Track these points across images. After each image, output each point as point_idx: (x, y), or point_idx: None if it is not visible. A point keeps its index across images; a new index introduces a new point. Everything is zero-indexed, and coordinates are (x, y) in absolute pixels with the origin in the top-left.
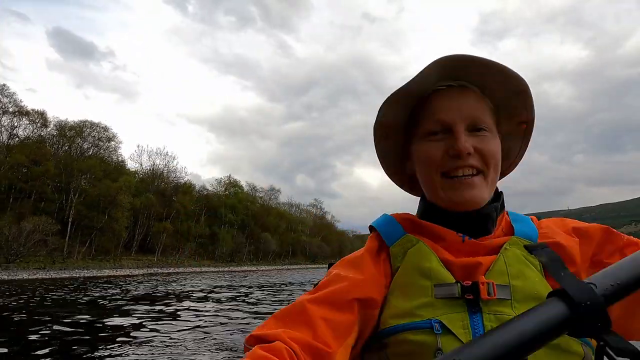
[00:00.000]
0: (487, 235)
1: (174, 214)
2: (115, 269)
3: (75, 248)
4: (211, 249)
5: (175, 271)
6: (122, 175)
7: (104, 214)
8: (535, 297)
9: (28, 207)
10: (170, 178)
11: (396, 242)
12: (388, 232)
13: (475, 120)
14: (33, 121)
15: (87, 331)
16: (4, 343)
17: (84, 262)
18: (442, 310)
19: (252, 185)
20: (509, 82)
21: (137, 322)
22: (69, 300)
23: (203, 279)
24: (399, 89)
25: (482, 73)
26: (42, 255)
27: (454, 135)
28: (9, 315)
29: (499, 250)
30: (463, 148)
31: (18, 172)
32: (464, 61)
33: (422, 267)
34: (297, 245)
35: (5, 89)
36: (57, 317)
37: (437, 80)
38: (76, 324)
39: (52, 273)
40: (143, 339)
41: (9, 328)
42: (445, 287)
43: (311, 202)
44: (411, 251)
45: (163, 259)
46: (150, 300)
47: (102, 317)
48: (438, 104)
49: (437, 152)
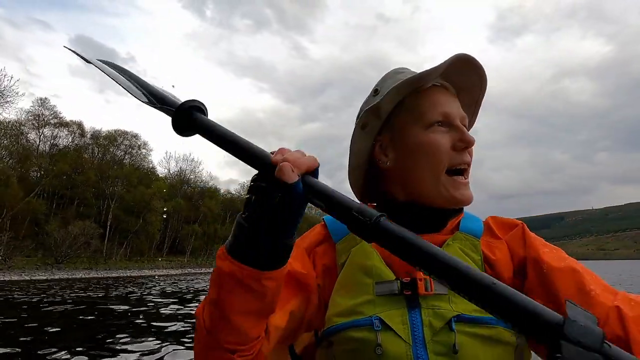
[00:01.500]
0: (434, 232)
1: (201, 217)
2: (153, 269)
3: (114, 250)
4: None
5: (207, 271)
6: (154, 181)
7: (139, 218)
8: None
9: (71, 213)
10: (197, 183)
11: (342, 239)
12: (335, 229)
13: (464, 121)
14: (72, 132)
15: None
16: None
17: (123, 262)
18: (383, 307)
19: None
20: (477, 90)
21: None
22: (137, 293)
23: None
24: (413, 76)
25: (469, 77)
26: (85, 256)
27: (460, 129)
28: (101, 306)
29: (442, 245)
30: (471, 140)
31: (62, 180)
32: (468, 64)
33: (365, 265)
34: None
35: (46, 102)
36: (132, 306)
37: (439, 76)
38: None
39: (102, 272)
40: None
41: (106, 317)
42: (386, 284)
43: None
44: (355, 249)
45: (193, 260)
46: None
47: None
48: (441, 98)
49: (445, 143)
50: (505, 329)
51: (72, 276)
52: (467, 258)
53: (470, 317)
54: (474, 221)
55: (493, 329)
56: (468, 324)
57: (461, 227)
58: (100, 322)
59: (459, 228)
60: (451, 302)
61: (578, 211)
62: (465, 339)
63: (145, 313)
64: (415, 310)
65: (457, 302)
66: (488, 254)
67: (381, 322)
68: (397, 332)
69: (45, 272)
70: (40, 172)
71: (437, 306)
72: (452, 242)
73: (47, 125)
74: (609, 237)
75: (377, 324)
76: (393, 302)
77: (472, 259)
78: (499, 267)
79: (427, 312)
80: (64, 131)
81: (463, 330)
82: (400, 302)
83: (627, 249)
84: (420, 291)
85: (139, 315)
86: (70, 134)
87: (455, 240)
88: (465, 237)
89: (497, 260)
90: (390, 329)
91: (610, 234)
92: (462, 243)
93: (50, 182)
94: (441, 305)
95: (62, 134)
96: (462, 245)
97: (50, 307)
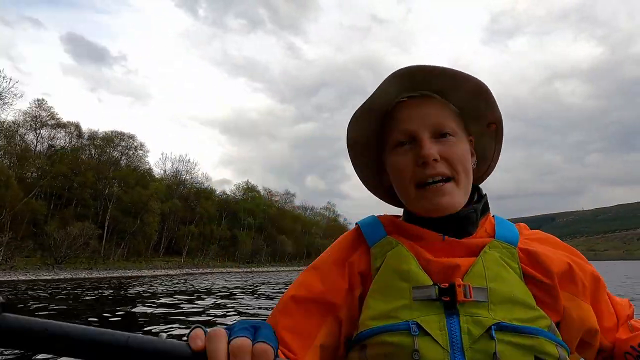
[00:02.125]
0: (468, 236)
1: (198, 218)
2: (152, 270)
3: (112, 250)
4: (232, 251)
5: (210, 271)
6: (151, 182)
7: (136, 219)
8: (512, 299)
9: (69, 213)
10: (193, 184)
11: (377, 243)
12: (370, 233)
13: (438, 127)
14: (70, 133)
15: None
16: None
17: (121, 263)
18: (420, 312)
19: (268, 190)
20: (463, 85)
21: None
22: (141, 292)
23: (246, 278)
24: (361, 106)
25: (439, 81)
26: (84, 256)
27: (419, 143)
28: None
29: (479, 251)
30: (428, 154)
31: (60, 181)
32: (418, 72)
33: (401, 269)
34: (311, 247)
35: (43, 103)
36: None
37: (399, 92)
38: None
39: (104, 273)
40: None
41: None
42: (423, 289)
43: (324, 205)
44: (390, 254)
45: (189, 260)
46: (216, 293)
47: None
48: (402, 115)
49: (406, 162)
50: (548, 339)
51: (75, 276)
52: (506, 267)
53: (511, 325)
54: (509, 228)
55: (535, 339)
56: (508, 333)
57: (497, 235)
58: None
59: (494, 234)
60: (490, 309)
61: (569, 212)
62: (505, 347)
63: (169, 309)
64: (453, 316)
65: (496, 310)
66: (529, 250)
67: (418, 327)
68: (435, 338)
69: (49, 272)
70: (37, 173)
71: (476, 313)
72: (490, 250)
73: (44, 127)
74: (599, 237)
75: (415, 329)
76: (430, 308)
77: (511, 267)
78: (547, 263)
79: (466, 319)
80: (62, 132)
81: (503, 339)
82: (438, 307)
83: (616, 249)
84: (459, 298)
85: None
86: (67, 134)
87: (493, 249)
88: (502, 245)
89: (542, 255)
90: (428, 334)
91: (600, 234)
92: (500, 251)
93: (48, 183)
94: (480, 312)
95: (60, 135)
96: (501, 254)
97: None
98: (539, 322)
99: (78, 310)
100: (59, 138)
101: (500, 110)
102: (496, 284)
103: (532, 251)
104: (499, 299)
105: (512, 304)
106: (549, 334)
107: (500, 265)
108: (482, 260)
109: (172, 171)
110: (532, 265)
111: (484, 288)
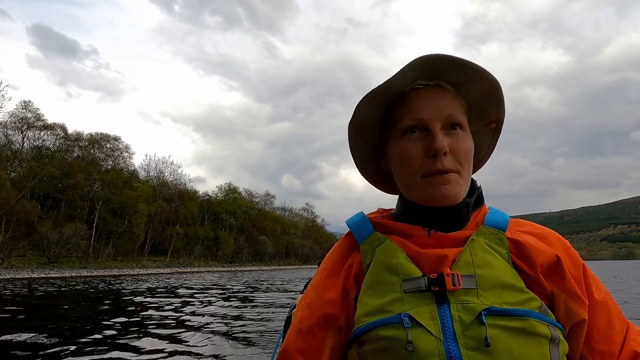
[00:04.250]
0: (457, 230)
1: (182, 219)
2: (144, 269)
3: (100, 250)
4: (215, 251)
5: (197, 270)
6: (137, 184)
7: (124, 220)
8: (501, 284)
9: (61, 215)
10: (177, 185)
11: (366, 240)
12: (359, 230)
13: (450, 119)
14: (56, 135)
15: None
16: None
17: (110, 262)
18: (411, 304)
19: (249, 192)
20: (483, 82)
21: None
22: (139, 288)
23: (232, 278)
24: (379, 86)
25: (458, 73)
26: (76, 256)
27: (432, 134)
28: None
29: (466, 242)
30: (440, 147)
31: (50, 182)
32: (442, 61)
33: (390, 263)
34: (290, 247)
35: (30, 105)
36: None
37: (415, 79)
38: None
39: (101, 271)
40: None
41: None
42: (413, 281)
43: (303, 206)
44: (379, 249)
45: (174, 260)
46: (221, 289)
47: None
48: (416, 102)
49: (416, 152)
50: (539, 320)
51: (78, 274)
52: (493, 253)
53: (501, 309)
54: (500, 214)
55: (525, 321)
56: (499, 317)
57: (486, 221)
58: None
59: (483, 222)
60: (480, 295)
61: (537, 214)
62: (496, 332)
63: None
64: (444, 305)
65: (486, 295)
66: (517, 240)
67: (411, 319)
68: (428, 328)
69: (52, 270)
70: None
71: (466, 300)
72: (477, 237)
73: (30, 128)
74: (565, 238)
75: (407, 321)
76: (421, 299)
77: (498, 253)
78: (531, 255)
79: (457, 307)
80: (48, 134)
81: (494, 323)
82: (428, 298)
83: (580, 250)
84: (448, 286)
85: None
86: (53, 135)
87: (480, 235)
88: (490, 230)
89: (529, 247)
90: (421, 325)
91: (566, 236)
92: (487, 237)
93: (37, 184)
94: (470, 299)
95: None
96: (488, 240)
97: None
98: (529, 304)
99: (94, 309)
100: (46, 139)
101: (505, 110)
102: (484, 270)
103: (520, 242)
104: (488, 285)
105: (502, 289)
106: (539, 314)
107: (487, 252)
108: (470, 247)
109: (156, 172)
110: (518, 255)
111: (472, 275)
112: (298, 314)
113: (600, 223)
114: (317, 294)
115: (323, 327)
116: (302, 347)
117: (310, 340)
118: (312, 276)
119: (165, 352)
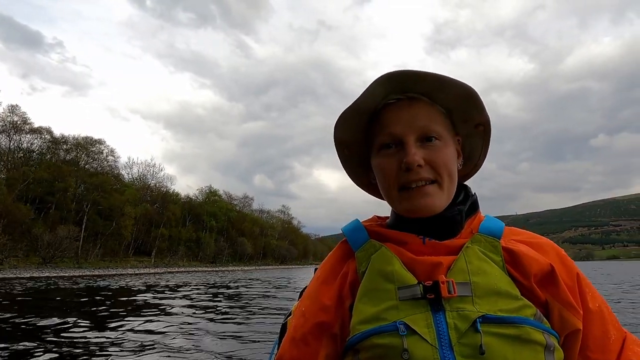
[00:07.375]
0: (452, 237)
1: (166, 221)
2: (134, 269)
3: (89, 250)
4: (196, 251)
5: (184, 270)
6: (123, 187)
7: (112, 222)
8: (496, 292)
9: (53, 217)
10: (160, 188)
11: (361, 247)
12: (354, 238)
13: (425, 131)
14: (43, 138)
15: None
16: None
17: (100, 262)
18: (407, 312)
19: (229, 194)
20: (451, 90)
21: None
22: (138, 285)
23: (217, 277)
24: (348, 108)
25: (426, 83)
26: (68, 257)
27: (405, 149)
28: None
29: (461, 250)
30: (413, 161)
31: (41, 185)
32: (407, 75)
33: (385, 271)
34: (268, 248)
35: (16, 109)
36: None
37: (386, 95)
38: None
39: (97, 271)
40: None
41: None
42: (408, 288)
43: (279, 208)
44: (374, 256)
45: (159, 260)
46: (222, 286)
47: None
48: (388, 118)
49: (391, 167)
50: (534, 328)
51: (76, 273)
52: (488, 260)
53: (496, 317)
54: (495, 222)
55: (520, 328)
56: (494, 325)
57: (480, 229)
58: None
59: (478, 230)
60: (475, 303)
61: (504, 216)
62: (491, 339)
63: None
64: (439, 313)
65: (481, 303)
66: (511, 249)
67: (406, 327)
68: (423, 336)
69: (51, 270)
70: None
71: (461, 308)
72: (472, 245)
73: (17, 132)
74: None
75: (403, 329)
76: (417, 306)
77: (493, 261)
78: (525, 264)
79: (452, 315)
80: (35, 137)
81: (489, 331)
82: (423, 306)
83: None
84: (444, 294)
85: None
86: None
87: (475, 243)
88: (485, 238)
89: (523, 256)
90: (416, 333)
91: None
92: (482, 245)
93: (27, 187)
94: (465, 307)
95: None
96: (482, 247)
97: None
98: (524, 311)
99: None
100: (33, 143)
101: (488, 113)
102: (479, 278)
103: (514, 250)
104: (482, 292)
105: (496, 296)
106: (534, 322)
107: (481, 259)
108: (464, 255)
109: (138, 175)
110: (512, 264)
111: (467, 283)
112: (293, 322)
113: (563, 225)
114: (312, 302)
115: (317, 335)
116: (296, 356)
117: (303, 348)
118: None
119: (165, 351)
